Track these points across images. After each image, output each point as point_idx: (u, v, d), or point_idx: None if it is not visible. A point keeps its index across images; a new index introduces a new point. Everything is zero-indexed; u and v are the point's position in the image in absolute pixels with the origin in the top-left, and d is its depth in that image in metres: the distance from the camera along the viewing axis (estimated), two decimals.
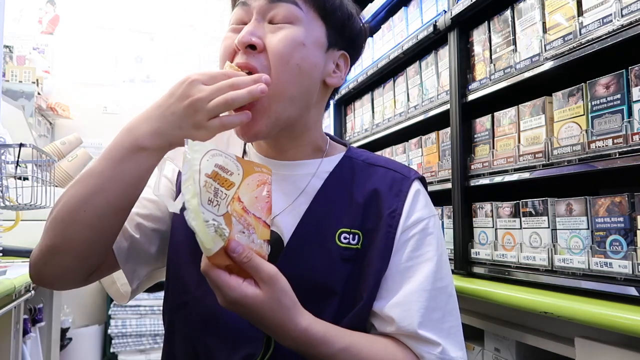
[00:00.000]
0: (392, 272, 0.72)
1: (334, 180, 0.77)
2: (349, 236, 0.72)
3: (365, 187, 0.76)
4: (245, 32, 0.70)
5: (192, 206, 0.54)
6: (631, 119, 0.98)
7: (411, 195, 0.75)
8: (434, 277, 0.72)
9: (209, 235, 0.55)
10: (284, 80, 0.70)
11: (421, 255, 0.72)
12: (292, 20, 0.72)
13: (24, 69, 2.97)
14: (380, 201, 0.74)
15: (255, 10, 0.72)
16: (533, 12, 1.26)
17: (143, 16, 3.80)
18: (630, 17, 0.97)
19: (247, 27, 0.71)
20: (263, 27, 0.72)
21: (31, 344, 1.76)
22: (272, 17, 0.72)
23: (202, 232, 0.54)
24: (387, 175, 0.77)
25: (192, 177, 0.55)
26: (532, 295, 1.07)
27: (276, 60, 0.69)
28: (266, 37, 0.70)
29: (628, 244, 0.97)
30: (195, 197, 0.54)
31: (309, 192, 0.76)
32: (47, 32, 3.61)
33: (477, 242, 1.40)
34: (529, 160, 1.23)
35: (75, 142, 2.66)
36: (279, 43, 0.70)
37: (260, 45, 0.70)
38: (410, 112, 1.81)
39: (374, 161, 0.81)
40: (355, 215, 0.74)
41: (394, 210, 0.73)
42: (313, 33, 0.74)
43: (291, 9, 0.71)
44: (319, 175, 0.77)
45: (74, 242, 0.65)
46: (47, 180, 1.45)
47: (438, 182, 1.57)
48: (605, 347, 0.93)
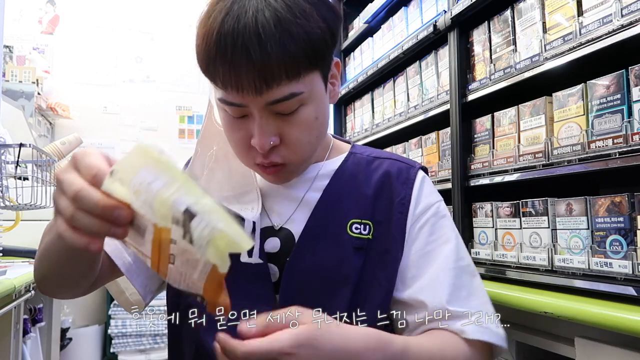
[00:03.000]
0: (414, 259, 0.73)
1: (341, 175, 0.78)
2: (360, 226, 0.73)
3: (372, 179, 0.77)
4: (263, 137, 0.64)
5: (209, 205, 0.43)
6: (631, 119, 0.98)
7: (418, 183, 0.77)
8: (455, 256, 0.73)
9: (241, 231, 0.42)
10: (307, 154, 0.72)
11: (439, 238, 0.74)
12: (302, 103, 0.66)
13: (24, 69, 2.97)
14: (388, 191, 0.76)
15: (257, 109, 0.64)
16: (533, 12, 1.26)
17: (143, 16, 3.80)
18: (630, 17, 0.97)
19: (257, 128, 0.64)
20: (272, 120, 0.65)
21: (31, 344, 1.76)
22: (279, 110, 0.65)
23: (234, 230, 0.42)
24: (393, 166, 0.79)
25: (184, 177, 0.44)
26: (532, 295, 1.07)
27: (300, 150, 0.69)
28: (280, 130, 0.66)
29: (628, 244, 0.97)
30: (207, 196, 0.43)
31: (318, 189, 0.77)
32: (47, 32, 3.61)
33: (477, 242, 1.40)
34: (529, 160, 1.23)
35: (75, 142, 2.65)
36: (300, 134, 0.67)
37: (278, 142, 0.67)
38: (410, 112, 1.81)
39: (378, 155, 0.82)
40: (365, 206, 0.75)
41: (403, 198, 0.75)
42: (318, 95, 0.68)
43: (295, 99, 0.64)
44: (326, 174, 0.79)
45: (55, 278, 0.68)
46: (47, 180, 1.45)
47: (438, 182, 1.58)
48: (605, 347, 0.93)
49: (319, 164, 0.80)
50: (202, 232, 0.42)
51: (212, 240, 0.42)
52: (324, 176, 0.78)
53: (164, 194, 0.42)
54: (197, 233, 0.42)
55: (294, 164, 0.71)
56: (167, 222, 0.44)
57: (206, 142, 0.81)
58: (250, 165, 0.72)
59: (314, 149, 0.73)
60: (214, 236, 0.42)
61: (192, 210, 0.42)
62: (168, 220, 0.44)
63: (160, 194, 0.43)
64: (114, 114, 3.70)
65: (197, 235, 0.42)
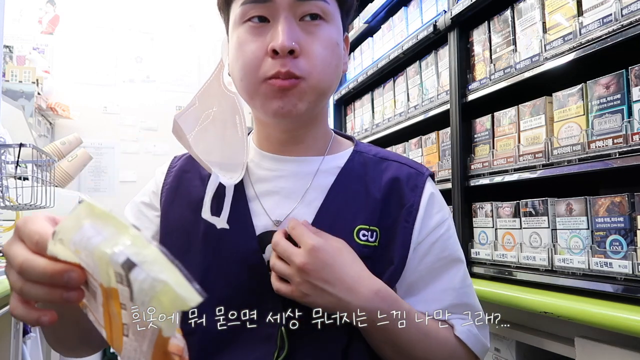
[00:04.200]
0: (422, 274, 0.71)
1: (347, 175, 0.74)
2: (368, 233, 0.70)
3: (381, 181, 0.73)
4: (285, 37, 0.63)
5: (152, 255, 0.37)
6: (631, 119, 0.98)
7: (427, 194, 0.73)
8: (463, 275, 0.73)
9: (187, 284, 0.36)
10: (324, 79, 0.67)
11: (449, 255, 0.73)
12: (325, 17, 0.66)
13: (24, 69, 2.97)
14: (397, 196, 0.72)
15: (282, 7, 0.64)
16: (533, 12, 1.26)
17: (143, 16, 3.80)
18: (630, 17, 0.97)
19: (282, 28, 0.63)
20: (296, 27, 0.65)
21: (31, 344, 1.76)
22: (303, 13, 0.65)
23: (179, 282, 0.36)
24: (401, 170, 0.75)
25: (128, 229, 0.39)
26: (532, 295, 1.07)
27: (319, 66, 0.65)
28: (301, 39, 0.65)
29: (628, 244, 0.97)
30: (151, 246, 0.37)
31: (321, 189, 0.72)
32: (47, 32, 3.61)
33: (477, 242, 1.40)
34: (529, 160, 1.23)
35: (75, 142, 2.66)
36: (321, 48, 0.65)
37: (299, 51, 0.64)
38: (410, 112, 1.81)
39: (385, 155, 0.78)
40: (373, 211, 0.71)
41: (411, 206, 0.72)
42: (339, 26, 0.70)
43: (322, 5, 0.66)
44: (330, 170, 0.74)
45: (60, 348, 0.69)
46: (47, 180, 1.45)
47: (438, 182, 1.57)
48: (605, 347, 0.93)
49: (317, 158, 0.75)
50: (142, 284, 0.36)
51: (155, 296, 0.36)
52: (326, 173, 0.73)
53: (104, 248, 0.37)
54: (136, 286, 0.36)
55: (309, 84, 0.65)
56: (110, 281, 0.39)
57: (206, 99, 0.75)
58: (258, 84, 0.66)
59: (331, 78, 0.68)
60: (156, 290, 0.36)
61: (132, 261, 0.36)
62: (112, 278, 0.38)
63: (99, 248, 0.38)
64: (114, 114, 3.70)
65: (137, 288, 0.36)
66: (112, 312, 0.42)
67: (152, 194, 0.77)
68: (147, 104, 3.75)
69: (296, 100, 0.65)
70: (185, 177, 0.76)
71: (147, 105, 3.75)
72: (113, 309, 0.41)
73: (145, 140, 3.71)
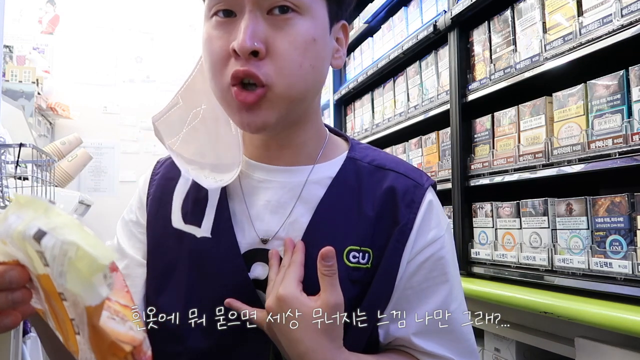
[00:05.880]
0: (407, 294, 0.65)
1: (338, 188, 0.67)
2: (359, 255, 0.64)
3: (375, 196, 0.66)
4: (246, 36, 0.55)
5: (62, 221, 0.36)
6: (631, 119, 0.98)
7: (424, 208, 0.66)
8: (450, 298, 0.66)
9: (100, 243, 0.35)
10: (295, 84, 0.59)
11: (438, 277, 0.66)
12: (298, 9, 0.58)
13: (24, 69, 2.97)
14: (391, 212, 0.65)
15: (247, 0, 0.57)
16: (533, 12, 1.26)
17: (143, 16, 3.80)
18: (630, 17, 0.97)
19: (244, 25, 0.56)
20: (262, 23, 0.57)
21: (31, 344, 1.76)
22: (271, 5, 0.57)
23: (90, 243, 0.35)
24: (398, 182, 0.67)
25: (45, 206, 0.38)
26: (532, 295, 1.07)
27: (287, 67, 0.57)
28: (268, 37, 0.57)
29: (628, 244, 0.97)
30: (63, 214, 0.37)
31: (311, 202, 0.66)
32: (47, 32, 3.61)
33: (477, 242, 1.40)
34: (529, 160, 1.23)
35: (75, 142, 2.66)
36: (289, 48, 0.57)
37: (264, 52, 0.56)
38: (410, 112, 1.81)
39: (382, 163, 0.70)
40: (365, 230, 0.64)
41: (405, 225, 0.64)
42: (319, 19, 0.60)
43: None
44: (320, 182, 0.67)
45: None
46: (47, 180, 1.45)
47: (438, 182, 1.57)
48: (605, 347, 0.93)
49: (307, 167, 0.68)
50: (53, 251, 0.34)
51: (70, 263, 0.34)
52: (316, 185, 0.67)
53: (20, 227, 0.36)
54: (48, 254, 0.34)
55: (277, 93, 0.58)
56: (38, 267, 0.37)
57: (191, 96, 0.69)
58: (225, 90, 0.59)
59: (304, 81, 0.60)
60: (68, 255, 0.34)
61: (42, 230, 0.35)
62: (38, 262, 0.36)
63: (16, 230, 0.36)
64: (114, 114, 3.70)
65: (49, 256, 0.34)
66: (55, 306, 0.40)
67: (138, 210, 0.72)
68: (147, 104, 3.75)
69: (264, 113, 0.59)
70: (169, 185, 0.69)
71: (147, 105, 3.75)
72: (54, 303, 0.39)
73: (145, 140, 3.71)
